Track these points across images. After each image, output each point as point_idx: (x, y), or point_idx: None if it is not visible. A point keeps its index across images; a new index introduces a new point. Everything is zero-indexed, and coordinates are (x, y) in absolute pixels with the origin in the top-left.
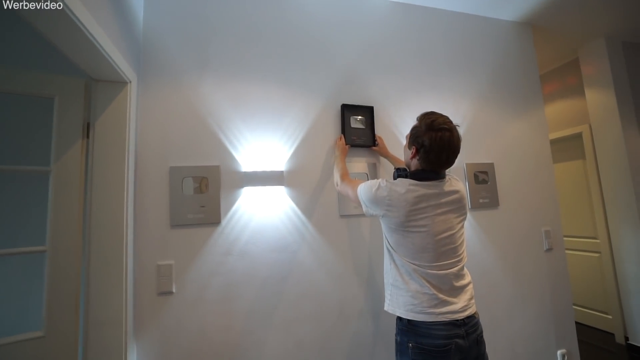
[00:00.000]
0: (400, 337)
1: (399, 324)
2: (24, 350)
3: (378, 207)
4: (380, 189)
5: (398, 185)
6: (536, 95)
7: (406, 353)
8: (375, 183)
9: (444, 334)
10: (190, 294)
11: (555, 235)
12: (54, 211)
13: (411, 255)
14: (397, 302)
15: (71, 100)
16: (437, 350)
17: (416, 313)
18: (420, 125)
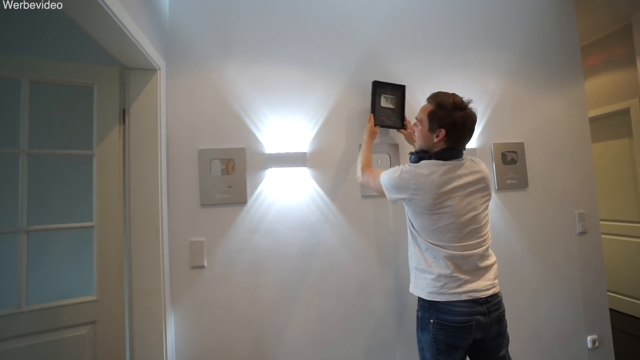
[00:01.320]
0: (422, 313)
1: (421, 301)
2: (83, 310)
3: (403, 191)
4: (403, 173)
5: (422, 167)
6: (575, 68)
7: (427, 329)
8: (397, 169)
9: (465, 310)
10: (220, 268)
11: (591, 218)
12: (98, 191)
13: (436, 237)
14: (420, 285)
15: (108, 88)
16: (457, 326)
17: (439, 294)
18: (443, 106)
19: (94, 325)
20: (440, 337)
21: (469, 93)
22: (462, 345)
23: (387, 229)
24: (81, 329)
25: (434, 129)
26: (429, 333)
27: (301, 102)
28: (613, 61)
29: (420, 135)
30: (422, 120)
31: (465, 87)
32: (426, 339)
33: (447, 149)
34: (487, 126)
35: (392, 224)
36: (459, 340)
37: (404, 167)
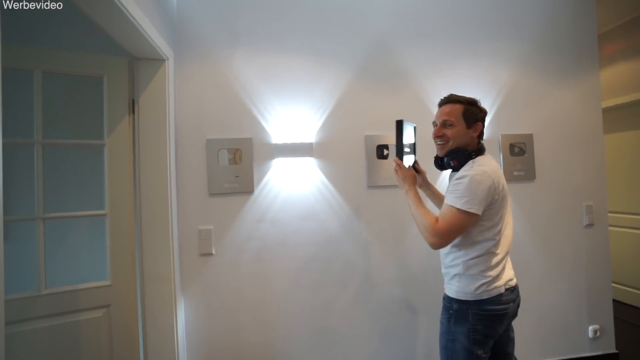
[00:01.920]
0: (459, 305)
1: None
2: (98, 294)
3: (492, 194)
4: (481, 179)
5: (486, 163)
6: (591, 57)
7: (464, 320)
8: (470, 181)
9: (504, 299)
10: (227, 255)
11: (599, 211)
12: (110, 180)
13: (502, 230)
14: (470, 289)
15: (118, 78)
16: (496, 315)
17: (488, 292)
18: (472, 103)
19: (109, 308)
20: (479, 327)
21: (479, 83)
22: (496, 335)
23: (392, 218)
24: (97, 312)
25: (471, 125)
26: (467, 324)
27: (309, 92)
28: (631, 50)
29: (455, 136)
30: (456, 120)
31: (476, 78)
32: (462, 330)
33: (481, 143)
34: (495, 117)
35: (397, 214)
36: (496, 329)
37: (471, 175)
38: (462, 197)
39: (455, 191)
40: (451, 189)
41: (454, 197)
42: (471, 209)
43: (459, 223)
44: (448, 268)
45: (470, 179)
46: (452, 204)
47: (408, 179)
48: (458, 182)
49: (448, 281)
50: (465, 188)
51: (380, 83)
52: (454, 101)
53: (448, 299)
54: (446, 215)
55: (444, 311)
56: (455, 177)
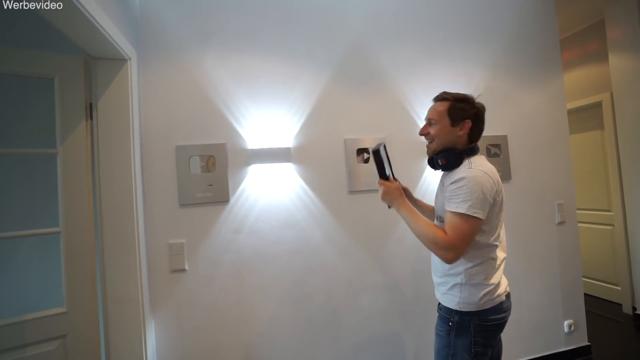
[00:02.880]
0: (460, 316)
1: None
2: (50, 324)
3: (492, 197)
4: (483, 184)
5: (481, 164)
6: (555, 62)
7: (466, 332)
8: (468, 185)
9: (504, 306)
10: (202, 271)
11: (568, 209)
12: (64, 193)
13: (499, 235)
14: (472, 299)
15: (71, 79)
16: (497, 324)
17: (491, 301)
18: (462, 99)
19: (64, 339)
20: (480, 339)
21: (454, 85)
22: (494, 345)
23: (375, 224)
24: (49, 344)
25: (457, 122)
26: (469, 336)
27: (285, 94)
28: (588, 55)
29: (438, 134)
30: (440, 117)
31: (451, 80)
32: (463, 343)
33: (474, 144)
34: None
35: (380, 218)
36: (495, 338)
37: (470, 176)
38: (465, 200)
39: (457, 195)
40: (450, 194)
41: (457, 202)
42: (476, 214)
43: (469, 229)
44: (446, 277)
45: (470, 181)
46: (456, 210)
47: (394, 192)
48: (458, 186)
49: (446, 291)
50: (466, 191)
51: (357, 85)
52: (442, 99)
53: (447, 310)
54: (454, 224)
55: (442, 323)
56: (453, 179)
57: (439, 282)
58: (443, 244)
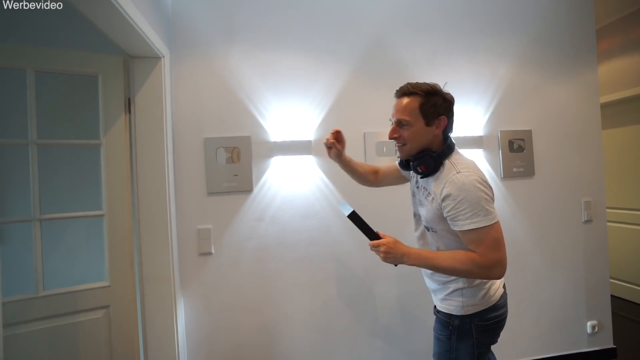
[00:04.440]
0: (460, 320)
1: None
2: (96, 295)
3: (492, 194)
4: (480, 185)
5: (465, 163)
6: (589, 53)
7: (468, 334)
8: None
9: (502, 302)
10: (227, 255)
11: (597, 207)
12: (106, 180)
13: None
14: (473, 302)
15: (113, 77)
16: (498, 320)
17: (491, 300)
18: (433, 93)
19: (108, 309)
20: (482, 339)
21: (477, 79)
22: (496, 342)
23: (392, 216)
24: (96, 313)
25: (431, 121)
26: (471, 338)
27: (307, 89)
28: (629, 44)
29: (413, 137)
30: (412, 119)
31: (474, 73)
32: (466, 347)
33: (449, 140)
34: (494, 113)
35: (396, 210)
36: (498, 335)
37: (466, 183)
38: (475, 213)
39: (462, 212)
40: (454, 213)
41: (466, 218)
42: (494, 219)
43: (497, 234)
44: (446, 283)
45: (468, 190)
46: (472, 227)
47: (394, 247)
48: (457, 201)
49: (445, 296)
50: (470, 203)
51: (378, 80)
52: (409, 93)
53: (446, 315)
54: (480, 240)
55: (441, 327)
56: (443, 193)
57: (436, 288)
58: (484, 264)
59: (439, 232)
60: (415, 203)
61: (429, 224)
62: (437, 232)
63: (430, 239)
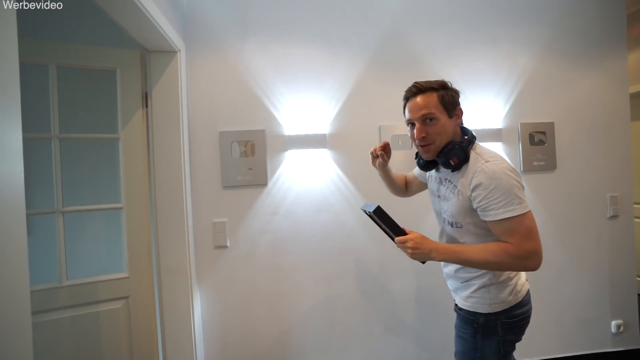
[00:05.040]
0: (485, 317)
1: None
2: (116, 286)
3: (523, 183)
4: (510, 172)
5: (491, 153)
6: (619, 39)
7: (493, 333)
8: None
9: (528, 298)
10: (242, 248)
11: (624, 202)
12: (125, 173)
13: None
14: (499, 299)
15: (130, 71)
16: (524, 317)
17: (517, 295)
18: (444, 86)
19: (127, 300)
20: (508, 337)
21: (497, 70)
22: (520, 340)
23: (406, 209)
24: (116, 303)
25: (452, 112)
26: (496, 336)
27: (321, 82)
28: None
29: (441, 132)
30: (438, 112)
31: (493, 64)
32: (491, 344)
33: (467, 130)
34: (514, 105)
35: (411, 205)
36: (522, 334)
37: (493, 175)
38: (509, 202)
39: (494, 202)
40: (485, 203)
41: (499, 208)
42: (527, 207)
43: (531, 223)
44: (470, 280)
45: (499, 178)
46: (505, 216)
47: (421, 243)
48: (489, 190)
49: (470, 294)
50: (502, 192)
51: (393, 72)
52: (426, 89)
53: (470, 312)
54: (514, 229)
55: (465, 325)
56: (472, 184)
57: (459, 286)
58: (520, 255)
59: (465, 227)
60: (435, 201)
61: (454, 219)
62: (462, 227)
63: (455, 235)
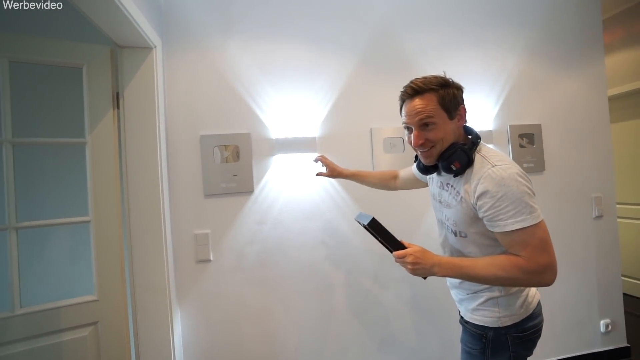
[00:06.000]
0: (495, 332)
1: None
2: (83, 311)
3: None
4: (520, 178)
5: (499, 156)
6: (597, 44)
7: (504, 348)
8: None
9: (539, 309)
10: (227, 261)
11: (607, 202)
12: (93, 182)
13: None
14: (510, 311)
15: (99, 69)
16: (536, 331)
17: (529, 307)
18: (445, 84)
19: (96, 326)
20: (519, 352)
21: (486, 72)
22: (531, 354)
23: (401, 216)
24: (82, 331)
25: (454, 113)
26: (507, 352)
27: (310, 82)
28: (633, 37)
29: (442, 137)
30: (437, 115)
31: (482, 66)
32: None
33: (471, 129)
34: (504, 107)
35: (406, 211)
36: (535, 346)
37: (501, 182)
38: (519, 211)
39: (503, 211)
40: (493, 212)
41: (509, 217)
42: (540, 217)
43: (545, 234)
44: (478, 292)
45: (508, 185)
46: (516, 227)
47: (423, 257)
48: (496, 198)
49: (477, 306)
50: (512, 200)
51: (384, 73)
52: (424, 90)
53: (478, 327)
54: (526, 241)
55: (473, 340)
56: (482, 190)
57: (464, 297)
58: (534, 270)
59: (470, 236)
60: (437, 207)
61: (458, 228)
62: (467, 237)
63: (458, 245)
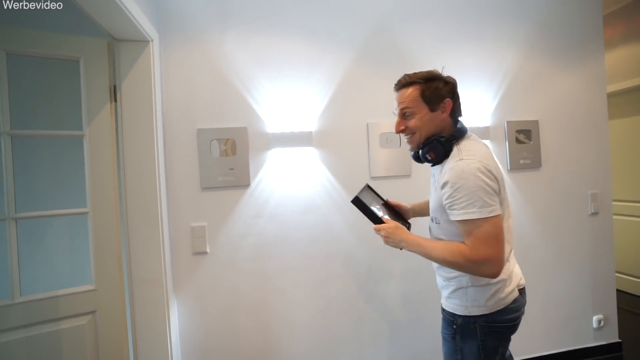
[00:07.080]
0: (463, 319)
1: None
2: (81, 300)
3: (496, 186)
4: (480, 174)
5: (472, 149)
6: (597, 40)
7: (472, 335)
8: (472, 178)
9: (515, 306)
10: (223, 254)
11: (603, 199)
12: (91, 174)
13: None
14: (478, 303)
15: (96, 62)
16: (508, 325)
17: (501, 300)
18: (432, 78)
19: (94, 315)
20: (489, 342)
21: (484, 67)
22: (508, 344)
23: None
24: (81, 319)
25: (436, 105)
26: (475, 340)
27: (306, 77)
28: (632, 33)
29: (420, 125)
30: (415, 105)
31: (480, 61)
32: (471, 348)
33: (460, 123)
34: (501, 103)
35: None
36: (508, 338)
37: (464, 170)
38: (471, 203)
39: (457, 201)
40: (450, 201)
41: (461, 208)
42: (492, 212)
43: (494, 229)
44: (449, 280)
45: (465, 177)
46: (465, 217)
47: (395, 232)
48: (454, 188)
49: (449, 295)
50: (466, 191)
51: (381, 67)
52: (408, 84)
53: (450, 313)
54: (472, 233)
55: (446, 326)
56: (445, 179)
57: (442, 284)
58: (473, 260)
59: (442, 223)
60: (430, 197)
61: (434, 214)
62: (440, 224)
63: (434, 231)
